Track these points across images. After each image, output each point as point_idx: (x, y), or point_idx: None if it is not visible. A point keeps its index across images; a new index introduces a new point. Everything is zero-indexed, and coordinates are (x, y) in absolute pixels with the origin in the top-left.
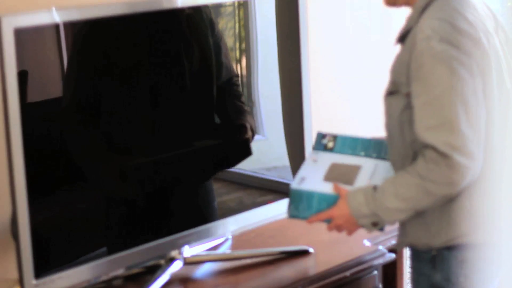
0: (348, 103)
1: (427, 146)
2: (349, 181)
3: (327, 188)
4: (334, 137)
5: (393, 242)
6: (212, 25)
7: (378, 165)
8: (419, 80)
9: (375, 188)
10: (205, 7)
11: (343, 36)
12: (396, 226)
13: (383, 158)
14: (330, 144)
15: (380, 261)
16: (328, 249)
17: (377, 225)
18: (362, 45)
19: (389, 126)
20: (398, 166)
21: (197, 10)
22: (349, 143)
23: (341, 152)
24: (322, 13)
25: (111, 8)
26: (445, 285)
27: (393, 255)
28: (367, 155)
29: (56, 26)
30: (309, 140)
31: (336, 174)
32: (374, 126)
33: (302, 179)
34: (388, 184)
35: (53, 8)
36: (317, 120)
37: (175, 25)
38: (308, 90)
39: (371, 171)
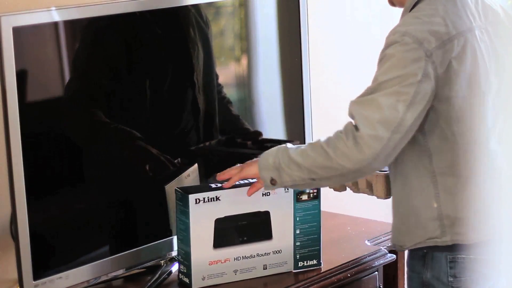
0: (348, 103)
1: (350, 118)
2: None
3: None
4: None
5: None
6: (208, 25)
7: None
8: (378, 68)
9: (293, 145)
10: (206, 5)
11: (343, 35)
12: None
13: None
14: None
15: (381, 261)
16: (329, 249)
17: (275, 183)
18: (362, 44)
19: None
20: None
21: (195, 9)
22: None
23: None
24: (322, 12)
25: (111, 7)
26: (434, 283)
27: (393, 256)
28: None
29: (56, 25)
30: (310, 140)
31: None
32: None
33: None
34: (305, 145)
35: (53, 7)
36: (317, 119)
37: (173, 24)
38: (308, 90)
39: None
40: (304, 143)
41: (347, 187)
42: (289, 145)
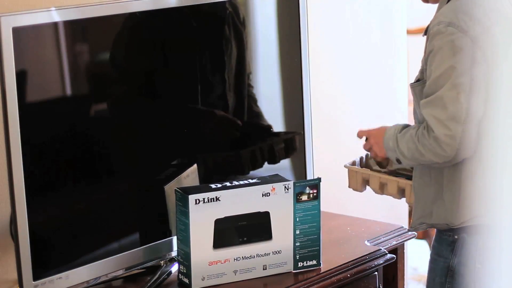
0: (348, 103)
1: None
2: None
3: None
4: None
5: (394, 242)
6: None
7: None
8: (430, 63)
9: (404, 128)
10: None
11: (343, 36)
12: (396, 228)
13: None
14: None
15: (381, 261)
16: (329, 249)
17: (400, 163)
18: (362, 45)
19: (415, 112)
20: None
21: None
22: None
23: None
24: (322, 12)
25: (111, 7)
26: (460, 269)
27: (393, 256)
28: None
29: (56, 25)
30: (309, 140)
31: None
32: (374, 126)
33: None
34: (408, 130)
35: (53, 7)
36: (317, 119)
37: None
38: (308, 90)
39: None
40: (304, 143)
41: (367, 187)
42: (400, 126)
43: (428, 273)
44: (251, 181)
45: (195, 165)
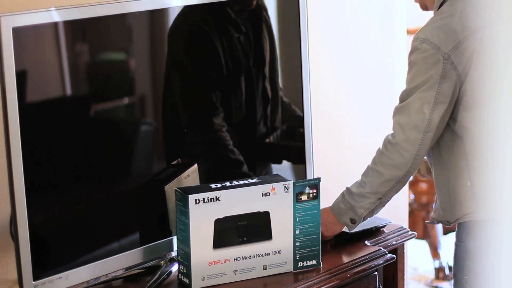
0: (348, 102)
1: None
2: None
3: None
4: None
5: (394, 242)
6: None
7: None
8: (407, 74)
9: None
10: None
11: (343, 35)
12: (396, 228)
13: None
14: None
15: (381, 261)
16: (329, 249)
17: (355, 222)
18: (362, 44)
19: None
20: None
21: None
22: None
23: None
24: (322, 12)
25: (111, 7)
26: (477, 252)
27: (393, 256)
28: None
29: (55, 25)
30: (309, 140)
31: None
32: (374, 126)
33: None
34: (356, 181)
35: (53, 7)
36: (317, 119)
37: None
38: (308, 90)
39: None
40: (304, 143)
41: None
42: (349, 186)
43: (453, 259)
44: (251, 181)
45: (195, 165)
